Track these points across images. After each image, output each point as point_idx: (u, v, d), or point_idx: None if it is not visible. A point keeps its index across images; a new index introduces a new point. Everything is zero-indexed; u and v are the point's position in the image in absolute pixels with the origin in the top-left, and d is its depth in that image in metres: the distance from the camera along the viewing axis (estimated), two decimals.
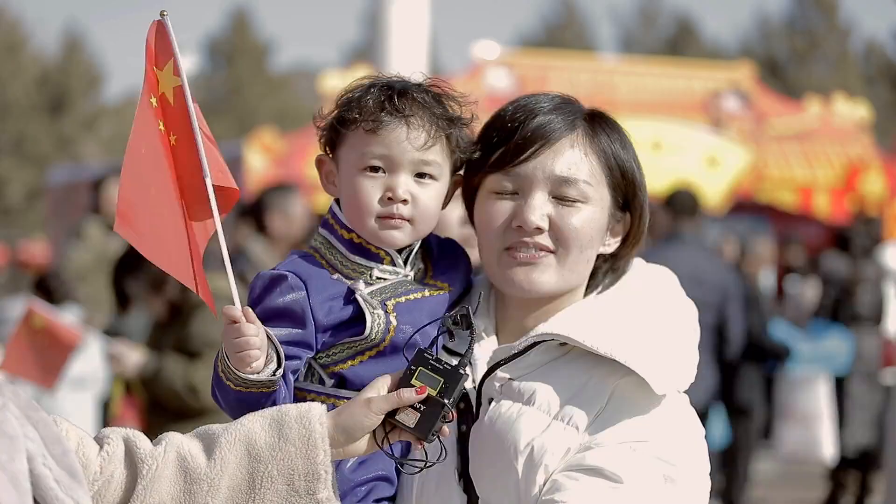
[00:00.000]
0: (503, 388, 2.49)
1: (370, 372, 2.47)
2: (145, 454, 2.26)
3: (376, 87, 2.55)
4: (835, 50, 47.17)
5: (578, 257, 2.53)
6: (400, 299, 2.53)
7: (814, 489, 11.83)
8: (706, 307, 8.85)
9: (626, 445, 2.40)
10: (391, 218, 2.52)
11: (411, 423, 2.32)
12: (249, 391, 2.39)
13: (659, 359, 2.45)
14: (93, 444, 2.25)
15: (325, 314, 2.48)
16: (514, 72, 16.95)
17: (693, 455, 2.47)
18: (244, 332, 2.34)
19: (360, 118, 2.51)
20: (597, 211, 2.54)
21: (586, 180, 2.52)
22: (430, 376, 2.34)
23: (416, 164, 2.52)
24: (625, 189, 2.58)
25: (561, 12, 51.28)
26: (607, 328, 2.48)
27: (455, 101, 2.58)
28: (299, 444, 2.28)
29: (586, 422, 2.42)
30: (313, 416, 2.30)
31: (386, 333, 2.49)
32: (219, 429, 2.32)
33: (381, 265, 2.55)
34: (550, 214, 2.52)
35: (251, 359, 2.35)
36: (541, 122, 2.53)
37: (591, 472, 2.37)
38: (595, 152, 2.54)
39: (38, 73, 44.75)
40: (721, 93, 17.83)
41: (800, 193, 17.12)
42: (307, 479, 2.28)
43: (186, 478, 2.26)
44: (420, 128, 2.52)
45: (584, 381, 2.46)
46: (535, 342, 2.51)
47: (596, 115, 2.60)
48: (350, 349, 2.50)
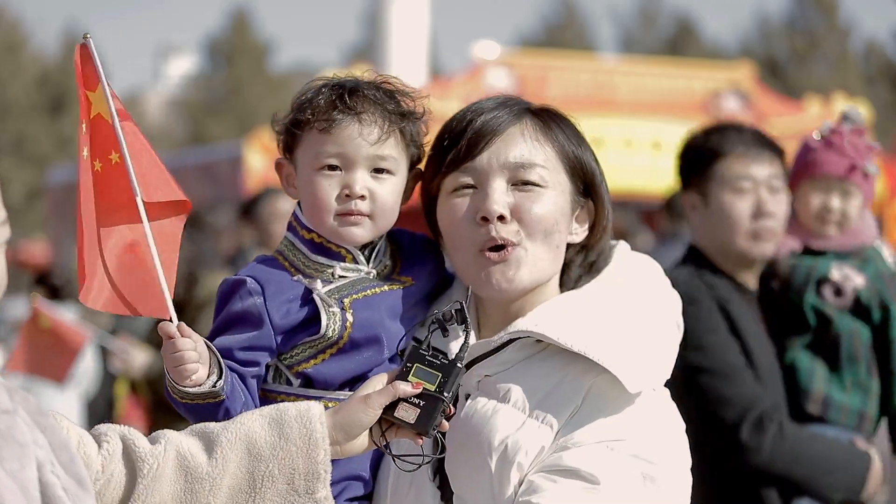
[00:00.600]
0: (480, 384, 2.49)
1: (333, 370, 2.52)
2: (145, 453, 2.25)
3: (327, 87, 2.58)
4: (835, 50, 47.17)
5: (545, 243, 2.52)
6: (357, 296, 2.54)
7: None
8: None
9: (603, 445, 2.38)
10: (350, 214, 2.55)
11: (411, 419, 2.33)
12: (196, 403, 2.42)
13: (633, 356, 2.43)
14: (92, 443, 2.25)
15: (283, 316, 2.51)
16: (514, 72, 16.94)
17: (673, 451, 2.46)
18: (179, 346, 2.38)
19: (314, 118, 2.55)
20: (557, 195, 2.54)
21: (543, 165, 2.52)
22: (426, 372, 2.36)
23: (371, 159, 2.55)
24: (583, 176, 2.58)
25: (561, 12, 51.27)
26: (582, 324, 2.47)
27: (407, 97, 2.61)
28: (300, 444, 2.29)
29: (561, 420, 2.42)
30: (313, 416, 2.31)
31: (343, 331, 2.51)
32: (217, 427, 2.31)
33: (343, 263, 2.58)
34: (511, 202, 2.51)
35: (188, 372, 2.38)
36: (488, 118, 2.55)
37: (567, 473, 2.36)
38: (548, 140, 2.56)
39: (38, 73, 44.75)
40: (721, 93, 17.82)
41: None
42: (307, 478, 2.29)
43: (188, 477, 2.26)
44: (373, 123, 2.55)
45: (559, 379, 2.45)
46: (512, 339, 2.50)
47: (543, 109, 2.62)
48: (311, 348, 2.53)
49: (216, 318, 2.55)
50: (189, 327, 2.41)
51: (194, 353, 2.39)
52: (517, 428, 2.41)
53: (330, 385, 2.54)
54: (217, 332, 2.53)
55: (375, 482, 2.56)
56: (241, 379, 2.50)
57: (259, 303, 2.51)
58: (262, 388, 2.56)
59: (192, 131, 48.40)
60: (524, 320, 2.51)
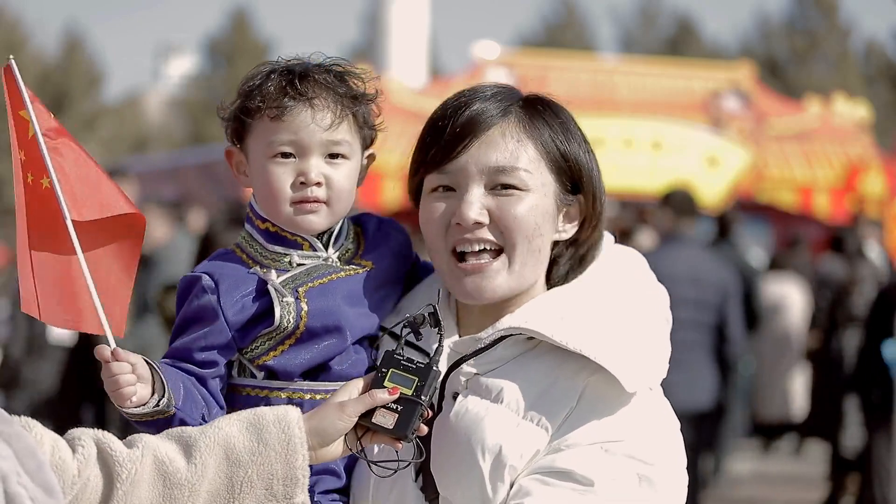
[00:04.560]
0: (469, 382, 2.43)
1: (293, 360, 2.47)
2: (122, 457, 2.21)
3: (276, 73, 2.52)
4: (835, 50, 47.14)
5: (527, 249, 2.45)
6: (313, 284, 2.50)
7: (814, 489, 11.83)
8: (706, 307, 8.83)
9: (597, 446, 2.34)
10: (306, 202, 2.50)
11: (389, 424, 2.30)
12: (146, 420, 2.38)
13: (630, 354, 2.38)
14: (67, 448, 2.20)
15: (237, 312, 2.46)
16: (514, 72, 16.94)
17: (668, 451, 2.41)
18: (114, 371, 2.34)
19: (264, 106, 2.49)
20: (539, 197, 2.46)
21: (524, 168, 2.45)
22: (402, 376, 2.32)
23: (325, 145, 2.50)
24: (570, 172, 2.50)
25: (561, 12, 51.25)
26: (576, 321, 2.41)
27: (358, 78, 2.56)
28: (279, 449, 2.26)
29: (557, 422, 2.37)
30: (291, 420, 2.28)
31: (298, 320, 2.46)
32: (195, 432, 2.28)
33: (301, 251, 2.53)
34: (490, 207, 2.45)
35: (127, 394, 2.34)
36: (470, 115, 2.47)
37: (561, 475, 2.32)
38: (531, 138, 2.47)
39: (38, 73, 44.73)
40: (721, 93, 17.82)
41: (800, 193, 17.12)
42: (285, 483, 2.26)
43: (166, 482, 2.22)
44: (325, 108, 2.50)
45: (554, 379, 2.40)
46: (503, 336, 2.44)
47: (533, 100, 2.53)
48: (269, 340, 2.48)
49: (176, 319, 2.51)
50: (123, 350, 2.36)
51: (131, 376, 2.34)
52: (512, 430, 2.36)
53: (292, 375, 2.49)
54: (176, 333, 2.50)
55: (354, 481, 2.51)
56: (202, 381, 2.46)
57: (213, 300, 2.46)
58: (228, 383, 2.52)
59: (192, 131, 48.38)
60: (513, 317, 2.46)
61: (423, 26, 22.83)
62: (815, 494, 11.63)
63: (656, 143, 15.45)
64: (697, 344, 8.56)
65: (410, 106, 15.90)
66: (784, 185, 17.02)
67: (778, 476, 13.00)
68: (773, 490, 12.33)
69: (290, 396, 2.49)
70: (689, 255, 8.90)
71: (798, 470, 13.33)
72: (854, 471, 10.89)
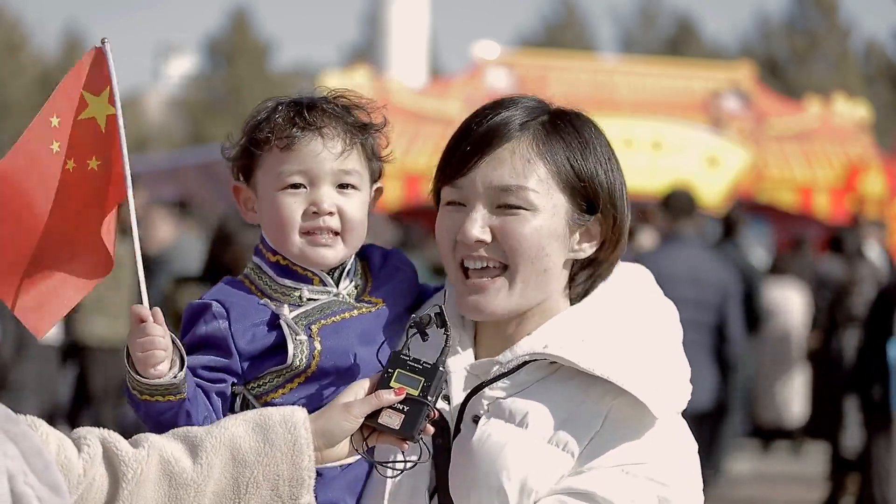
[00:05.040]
0: (491, 406, 2.40)
1: (301, 400, 2.42)
2: (128, 457, 2.21)
3: (283, 105, 2.50)
4: (835, 50, 47.15)
5: (531, 269, 2.42)
6: (326, 321, 2.45)
7: (814, 489, 11.83)
8: (706, 307, 8.84)
9: (619, 468, 2.33)
10: (319, 234, 2.46)
11: (395, 425, 2.29)
12: (156, 399, 2.33)
13: (656, 379, 2.38)
14: (72, 447, 2.19)
15: (248, 341, 2.42)
16: (514, 72, 16.95)
17: (687, 474, 2.41)
18: (150, 331, 2.30)
19: (273, 137, 2.46)
20: (546, 218, 2.42)
21: (532, 188, 2.40)
22: (408, 377, 2.32)
23: (336, 174, 2.47)
24: (585, 192, 2.45)
25: (561, 12, 51.25)
26: (598, 345, 2.40)
27: (362, 110, 2.53)
28: (285, 450, 2.25)
29: (581, 446, 2.35)
30: (298, 421, 2.27)
31: (311, 360, 2.42)
32: (201, 432, 2.27)
33: (311, 286, 2.49)
34: (494, 225, 2.42)
35: (156, 359, 2.30)
36: (486, 129, 2.44)
37: (582, 496, 2.31)
38: (543, 157, 2.42)
39: (38, 73, 44.70)
40: (721, 93, 17.82)
41: (800, 193, 17.12)
42: (291, 484, 2.25)
43: (171, 482, 2.22)
44: (335, 137, 2.47)
45: (579, 403, 2.38)
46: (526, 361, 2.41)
47: (558, 116, 2.48)
48: (278, 377, 2.44)
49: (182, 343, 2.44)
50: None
51: (164, 339, 2.30)
52: (537, 455, 2.34)
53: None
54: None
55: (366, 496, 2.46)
56: (206, 394, 2.42)
57: (224, 327, 2.41)
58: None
59: (192, 131, 48.38)
60: (532, 340, 2.44)
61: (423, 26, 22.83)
62: (815, 494, 11.63)
63: (656, 143, 15.45)
64: (697, 344, 8.56)
65: (410, 106, 15.91)
66: (784, 185, 17.02)
67: (778, 476, 12.99)
68: (773, 490, 12.33)
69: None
70: (689, 256, 8.90)
71: (798, 470, 13.33)
72: (854, 471, 10.89)
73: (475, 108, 2.56)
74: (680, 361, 2.48)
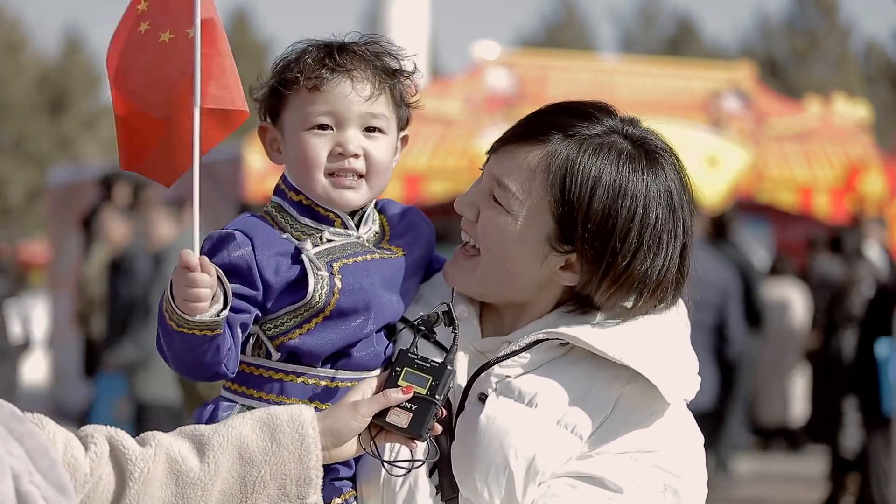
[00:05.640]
0: (499, 385, 2.41)
1: (319, 341, 2.41)
2: (135, 456, 2.21)
3: (314, 47, 2.49)
4: (835, 50, 47.15)
5: (491, 262, 2.43)
6: (347, 261, 2.44)
7: (814, 489, 11.83)
8: (706, 307, 8.85)
9: (627, 455, 2.35)
10: (344, 176, 2.46)
11: (403, 424, 2.30)
12: (192, 333, 2.31)
13: (668, 365, 2.39)
14: (79, 446, 2.19)
15: (273, 272, 2.40)
16: (514, 72, 16.93)
17: (694, 465, 2.43)
18: (198, 281, 2.28)
19: (302, 77, 2.45)
20: (518, 224, 2.40)
21: (516, 194, 2.40)
22: (416, 375, 2.32)
23: (363, 117, 2.47)
24: (571, 227, 2.37)
25: (561, 12, 51.25)
26: (610, 328, 2.41)
27: (394, 57, 2.53)
28: (292, 449, 2.25)
29: (590, 430, 2.36)
30: (305, 420, 2.27)
31: (330, 297, 2.39)
32: (208, 430, 2.27)
33: (332, 227, 2.49)
34: (480, 208, 2.45)
35: (200, 309, 2.30)
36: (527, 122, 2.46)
37: (590, 480, 2.33)
38: (548, 173, 2.39)
39: (38, 73, 44.69)
40: (721, 93, 17.80)
41: (800, 193, 17.10)
42: (298, 483, 2.25)
43: (178, 481, 2.22)
44: (364, 80, 2.46)
45: (589, 386, 2.39)
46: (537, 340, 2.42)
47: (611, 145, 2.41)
48: (296, 317, 2.41)
49: None
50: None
51: (209, 290, 2.29)
52: (546, 435, 2.35)
53: (315, 358, 2.42)
54: None
55: (362, 474, 2.46)
56: (229, 327, 2.39)
57: (248, 254, 2.39)
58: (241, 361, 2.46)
59: None
60: (541, 322, 2.44)
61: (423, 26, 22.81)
62: (815, 494, 11.63)
63: None
64: (697, 344, 8.49)
65: None
66: (784, 185, 17.01)
67: (778, 476, 12.99)
68: (773, 490, 12.33)
69: (307, 382, 2.43)
70: None
71: (798, 470, 13.33)
72: (854, 471, 10.89)
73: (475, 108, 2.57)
74: (689, 352, 2.49)
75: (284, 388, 2.44)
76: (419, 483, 2.41)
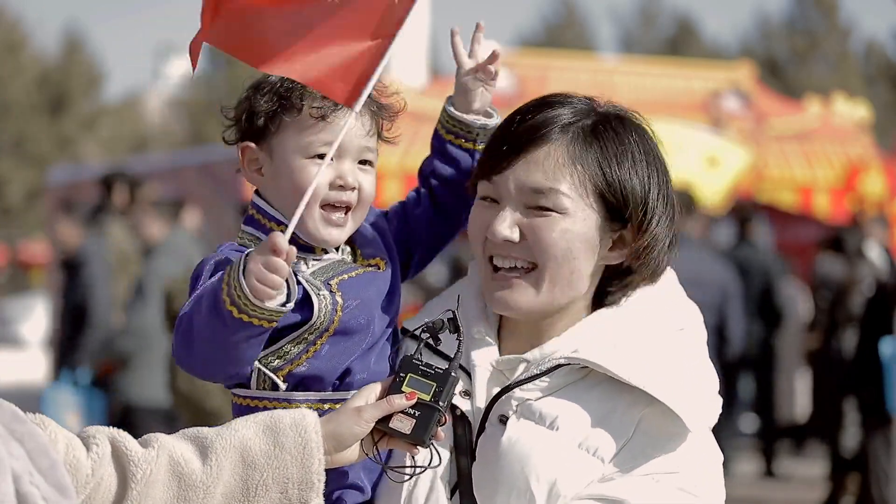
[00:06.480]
0: (520, 407, 2.40)
1: (327, 363, 2.41)
2: (137, 457, 2.21)
3: None
4: (835, 50, 47.14)
5: (558, 271, 2.42)
6: (342, 277, 2.45)
7: (814, 489, 11.83)
8: (706, 308, 8.78)
9: (650, 477, 2.34)
10: (336, 209, 2.46)
11: (406, 430, 2.29)
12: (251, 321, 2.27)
13: (690, 391, 2.38)
14: (81, 446, 2.19)
15: None
16: (514, 72, 16.91)
17: (714, 485, 2.42)
18: (281, 267, 2.24)
19: (307, 104, 2.45)
20: (577, 223, 2.41)
21: (564, 192, 2.40)
22: (420, 382, 2.31)
23: (360, 150, 2.48)
24: (616, 202, 2.43)
25: (561, 12, 51.25)
26: (630, 351, 2.39)
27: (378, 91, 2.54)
28: (295, 453, 2.25)
29: (612, 453, 2.36)
30: (308, 425, 2.27)
31: (333, 314, 2.40)
32: (211, 433, 2.27)
33: (313, 254, 2.48)
34: (523, 225, 2.42)
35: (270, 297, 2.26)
36: (528, 126, 2.44)
37: (613, 503, 2.32)
38: (577, 163, 2.41)
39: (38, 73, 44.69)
40: (721, 93, 17.79)
41: (800, 193, 17.10)
42: (300, 487, 2.25)
43: (181, 483, 2.22)
44: (365, 114, 2.48)
45: (610, 409, 2.38)
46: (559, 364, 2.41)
47: (602, 120, 2.47)
48: (300, 342, 2.41)
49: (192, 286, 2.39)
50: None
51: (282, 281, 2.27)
52: (568, 458, 2.34)
53: (325, 383, 2.43)
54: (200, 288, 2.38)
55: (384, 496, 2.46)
56: None
57: None
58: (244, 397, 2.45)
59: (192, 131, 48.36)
60: (560, 341, 2.44)
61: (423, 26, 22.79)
62: (815, 494, 11.63)
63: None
64: None
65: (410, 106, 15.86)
66: (784, 185, 17.00)
67: (778, 476, 12.99)
68: (773, 490, 12.33)
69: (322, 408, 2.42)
70: (690, 256, 8.90)
71: (798, 470, 13.32)
72: (854, 471, 10.89)
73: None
74: (710, 372, 2.47)
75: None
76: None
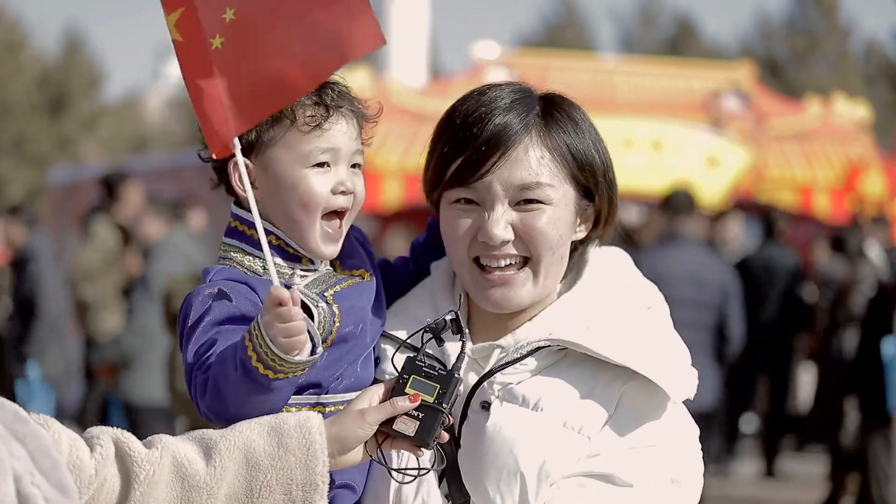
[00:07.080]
0: (502, 392, 2.43)
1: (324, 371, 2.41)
2: (141, 458, 2.21)
3: None
4: (835, 50, 47.12)
5: (552, 260, 2.48)
6: (335, 288, 2.46)
7: (814, 489, 11.83)
8: (706, 307, 8.84)
9: (634, 451, 2.39)
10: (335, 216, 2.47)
11: (410, 432, 2.29)
12: (287, 377, 2.27)
13: (667, 364, 2.44)
14: (85, 447, 2.19)
15: None
16: (514, 72, 16.92)
17: (693, 456, 2.49)
18: (294, 316, 2.24)
19: (300, 115, 2.46)
20: (561, 209, 2.48)
21: (548, 183, 2.46)
22: (424, 383, 2.31)
23: (353, 155, 2.51)
24: (585, 179, 2.51)
25: (561, 12, 51.23)
26: (604, 331, 2.44)
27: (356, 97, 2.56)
28: (299, 454, 2.25)
29: (597, 429, 2.40)
30: (313, 426, 2.27)
31: (332, 325, 2.42)
32: (215, 434, 2.27)
33: (300, 264, 2.49)
34: (513, 221, 2.45)
35: (300, 344, 2.26)
36: (493, 131, 2.45)
37: (601, 478, 2.37)
38: (550, 149, 2.47)
39: (38, 73, 44.67)
40: (721, 93, 17.80)
41: (800, 193, 17.12)
42: (304, 489, 2.25)
43: (184, 484, 2.22)
44: (353, 118, 2.51)
45: (591, 388, 2.43)
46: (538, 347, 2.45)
47: (548, 104, 2.52)
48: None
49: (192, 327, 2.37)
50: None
51: (303, 323, 2.25)
52: (554, 438, 2.38)
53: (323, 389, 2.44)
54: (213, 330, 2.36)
55: (372, 491, 2.47)
56: None
57: (257, 302, 2.37)
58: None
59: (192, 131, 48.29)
60: (533, 325, 2.48)
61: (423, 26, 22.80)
62: (815, 494, 11.63)
63: (656, 143, 15.44)
64: (698, 345, 8.57)
65: (410, 106, 15.89)
66: (784, 185, 17.02)
67: (778, 476, 12.99)
68: (773, 490, 12.33)
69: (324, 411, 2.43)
70: (689, 256, 8.91)
71: (798, 470, 13.32)
72: (854, 471, 10.89)
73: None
74: (682, 347, 2.53)
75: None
76: (431, 493, 2.43)
